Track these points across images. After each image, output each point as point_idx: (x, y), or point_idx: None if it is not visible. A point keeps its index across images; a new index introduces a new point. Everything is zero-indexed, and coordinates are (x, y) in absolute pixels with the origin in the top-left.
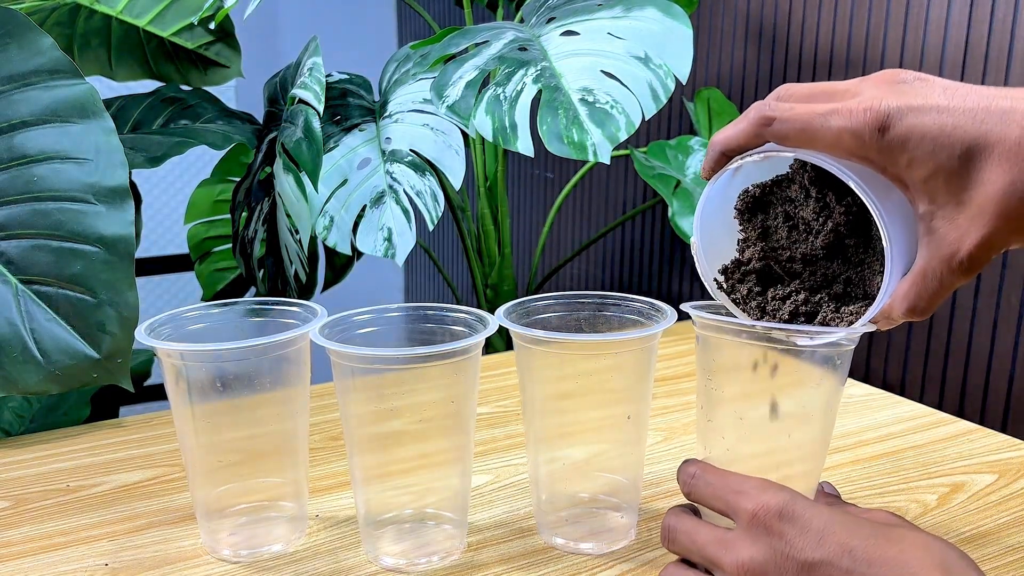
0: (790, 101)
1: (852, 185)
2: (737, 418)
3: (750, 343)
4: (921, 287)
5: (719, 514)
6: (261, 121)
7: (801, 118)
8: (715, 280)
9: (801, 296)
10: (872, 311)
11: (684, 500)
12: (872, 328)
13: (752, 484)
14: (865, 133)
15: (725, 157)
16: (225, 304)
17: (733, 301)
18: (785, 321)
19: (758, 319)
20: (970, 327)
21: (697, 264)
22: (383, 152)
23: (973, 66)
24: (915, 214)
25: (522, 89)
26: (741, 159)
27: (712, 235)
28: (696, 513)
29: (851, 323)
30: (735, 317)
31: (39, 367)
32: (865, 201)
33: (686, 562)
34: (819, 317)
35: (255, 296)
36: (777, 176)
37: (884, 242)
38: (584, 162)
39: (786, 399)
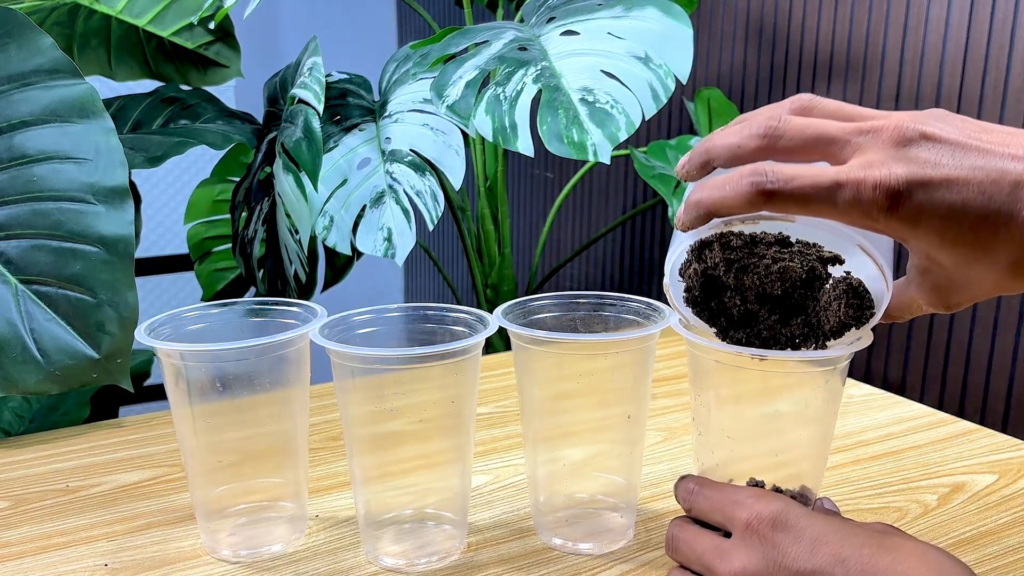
0: (784, 149)
1: (870, 258)
2: (726, 436)
3: (736, 366)
4: (900, 313)
5: (719, 526)
6: (261, 121)
7: (805, 192)
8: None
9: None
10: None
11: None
12: (863, 345)
13: (748, 494)
14: (874, 210)
15: (710, 217)
16: (225, 304)
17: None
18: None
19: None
20: (970, 327)
21: (669, 302)
22: (383, 152)
23: (973, 66)
24: (909, 263)
25: (522, 89)
26: (729, 222)
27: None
28: (700, 524)
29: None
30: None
31: (39, 367)
32: (877, 269)
33: (688, 570)
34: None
35: (255, 296)
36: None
37: (885, 295)
38: (584, 162)
39: (785, 403)
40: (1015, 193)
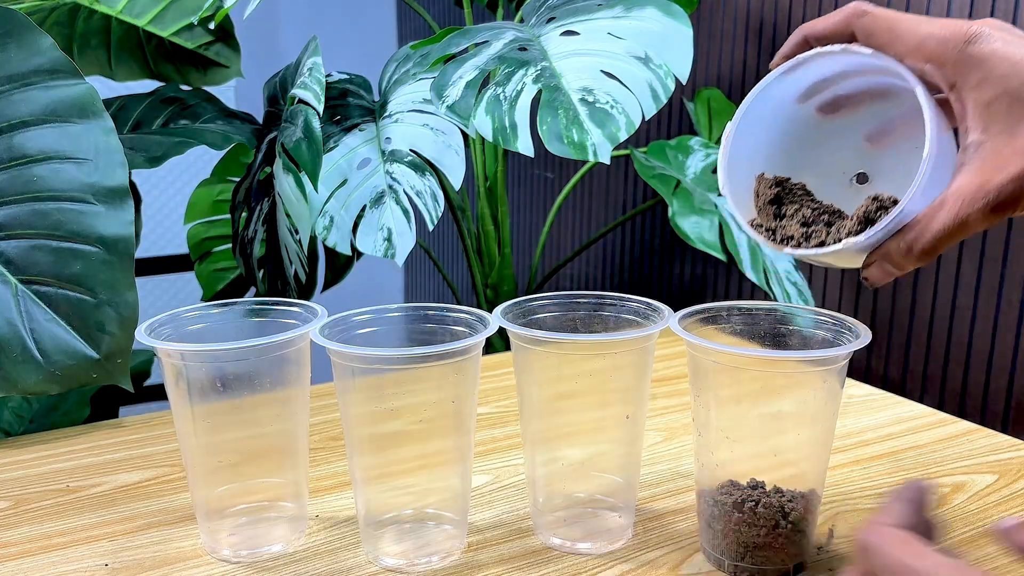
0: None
1: (917, 90)
2: (725, 437)
3: (734, 367)
4: (933, 220)
5: None
6: (261, 121)
7: (893, 16)
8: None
9: (810, 215)
10: (891, 217)
11: (693, 503)
12: (862, 344)
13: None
14: (950, 41)
15: (806, 44)
16: (225, 304)
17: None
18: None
19: (769, 231)
20: (970, 327)
21: (722, 148)
22: (383, 152)
23: None
24: (961, 146)
25: (522, 89)
26: (819, 50)
27: (750, 131)
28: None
29: (849, 237)
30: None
31: (39, 367)
32: (921, 102)
33: None
34: (818, 232)
35: (255, 296)
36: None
37: (925, 147)
38: (584, 162)
39: (784, 403)
40: None
